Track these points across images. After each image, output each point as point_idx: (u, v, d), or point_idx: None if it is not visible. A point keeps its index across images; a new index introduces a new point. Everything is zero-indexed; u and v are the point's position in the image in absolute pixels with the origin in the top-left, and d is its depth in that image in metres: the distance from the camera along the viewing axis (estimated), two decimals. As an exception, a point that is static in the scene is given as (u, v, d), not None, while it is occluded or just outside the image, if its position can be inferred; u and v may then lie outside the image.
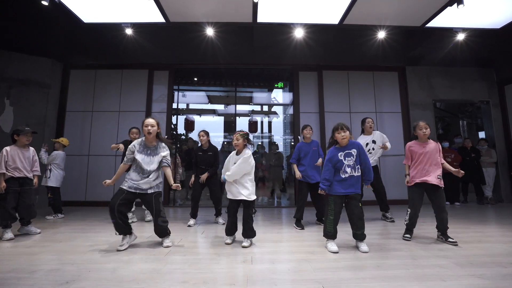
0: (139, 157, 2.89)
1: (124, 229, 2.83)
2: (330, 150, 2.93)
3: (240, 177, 2.94)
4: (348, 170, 2.79)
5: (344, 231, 3.23)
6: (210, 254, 2.60)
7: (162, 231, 2.90)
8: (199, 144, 4.25)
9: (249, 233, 2.93)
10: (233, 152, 3.12)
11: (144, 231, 3.56)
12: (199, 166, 4.10)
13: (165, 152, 2.97)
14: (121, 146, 4.04)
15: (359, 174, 2.82)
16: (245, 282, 1.95)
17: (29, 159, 3.56)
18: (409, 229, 3.16)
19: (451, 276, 2.03)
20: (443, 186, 3.04)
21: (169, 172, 2.95)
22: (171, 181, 2.88)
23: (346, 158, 2.82)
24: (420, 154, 3.12)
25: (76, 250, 2.72)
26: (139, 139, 3.01)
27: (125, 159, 2.96)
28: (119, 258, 2.47)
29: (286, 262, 2.38)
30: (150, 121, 2.94)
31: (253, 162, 3.01)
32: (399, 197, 5.93)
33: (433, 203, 3.10)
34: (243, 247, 2.82)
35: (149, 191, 2.88)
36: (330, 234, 2.77)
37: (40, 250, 2.72)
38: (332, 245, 2.73)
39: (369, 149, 4.27)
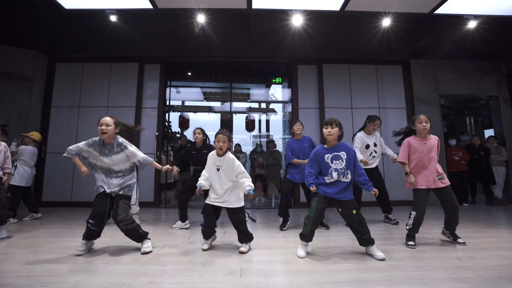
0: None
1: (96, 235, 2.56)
2: (316, 148, 2.64)
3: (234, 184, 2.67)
4: (335, 174, 2.47)
5: (349, 235, 2.89)
6: (193, 264, 2.25)
7: (132, 235, 2.56)
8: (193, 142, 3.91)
9: (245, 237, 2.63)
10: (213, 153, 2.76)
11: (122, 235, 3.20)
12: (194, 166, 3.78)
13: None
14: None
15: (349, 180, 2.48)
16: (230, 301, 1.61)
17: (0, 155, 3.25)
18: (412, 235, 2.78)
19: (478, 293, 1.69)
20: (449, 183, 2.74)
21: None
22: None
23: (334, 161, 2.49)
24: (421, 152, 2.78)
25: (41, 258, 2.37)
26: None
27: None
28: (86, 268, 2.12)
29: (282, 275, 2.03)
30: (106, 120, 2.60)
31: (237, 160, 2.74)
32: (402, 198, 5.59)
33: (442, 202, 2.77)
34: (242, 252, 2.52)
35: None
36: (305, 237, 2.46)
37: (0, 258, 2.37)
38: (301, 250, 2.47)
39: (371, 152, 3.88)
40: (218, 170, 2.67)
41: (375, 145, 3.92)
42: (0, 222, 3.10)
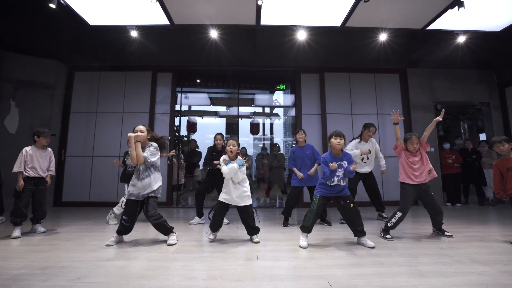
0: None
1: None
2: (325, 155, 3.03)
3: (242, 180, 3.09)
4: (336, 180, 2.90)
5: (344, 231, 3.28)
6: (216, 252, 2.65)
7: (160, 228, 2.96)
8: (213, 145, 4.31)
9: (254, 230, 3.07)
10: (225, 156, 3.16)
11: (148, 231, 3.60)
12: (209, 168, 4.14)
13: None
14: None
15: (346, 183, 2.95)
16: (253, 278, 2.00)
17: (47, 159, 3.68)
18: (388, 230, 3.18)
19: (453, 273, 2.07)
20: (428, 180, 3.18)
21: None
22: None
23: (338, 169, 2.89)
24: (414, 162, 3.18)
25: (84, 248, 2.77)
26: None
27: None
28: (127, 256, 2.52)
29: (291, 260, 2.42)
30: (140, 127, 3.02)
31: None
32: (398, 199, 5.97)
33: (427, 206, 3.20)
34: (256, 242, 2.97)
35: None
36: (306, 229, 2.90)
37: (48, 248, 2.77)
38: (303, 240, 2.86)
39: (363, 158, 4.20)
40: None
41: (369, 151, 4.24)
42: (42, 218, 3.57)
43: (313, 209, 2.90)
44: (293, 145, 8.22)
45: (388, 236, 3.14)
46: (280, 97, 9.53)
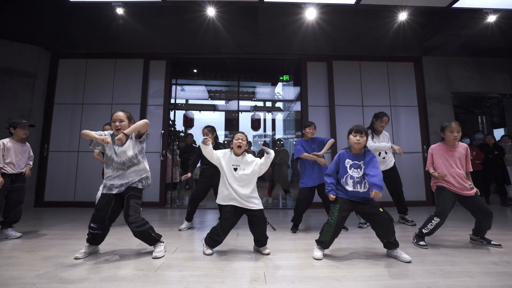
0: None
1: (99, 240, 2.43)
2: (341, 151, 2.47)
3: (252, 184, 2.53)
4: (350, 182, 2.33)
5: (367, 235, 2.73)
6: (212, 269, 2.09)
7: (144, 238, 2.40)
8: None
9: (266, 240, 2.51)
10: (227, 152, 2.61)
11: (132, 238, 3.05)
12: (203, 166, 3.62)
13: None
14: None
15: (365, 190, 2.33)
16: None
17: (25, 155, 3.29)
18: (423, 236, 2.68)
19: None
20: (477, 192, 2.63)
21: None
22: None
23: (352, 168, 2.35)
24: (448, 159, 2.63)
25: (43, 263, 2.20)
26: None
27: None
28: (96, 276, 1.96)
29: (310, 281, 1.87)
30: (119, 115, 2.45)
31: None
32: (414, 198, 5.47)
33: (472, 211, 2.63)
34: (267, 254, 2.42)
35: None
36: (322, 244, 2.34)
37: (2, 263, 2.21)
38: (317, 251, 2.35)
39: (380, 153, 3.64)
40: (235, 170, 2.51)
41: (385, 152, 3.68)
42: (16, 221, 3.16)
43: (332, 222, 2.30)
44: (295, 141, 7.70)
45: (422, 243, 2.61)
46: (283, 91, 8.97)
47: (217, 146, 3.56)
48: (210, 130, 3.74)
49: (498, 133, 8.10)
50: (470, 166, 2.72)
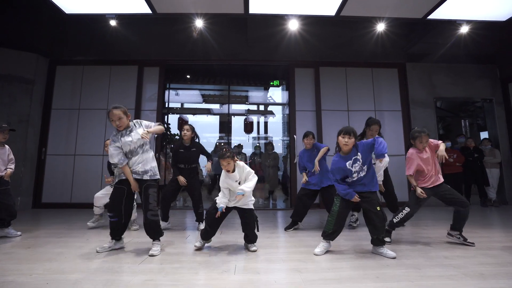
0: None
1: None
2: (334, 159, 2.62)
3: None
4: (355, 175, 2.54)
5: (341, 235, 2.97)
6: (190, 263, 2.32)
7: (153, 228, 2.59)
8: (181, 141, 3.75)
9: (255, 238, 2.73)
10: (224, 174, 2.74)
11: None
12: (177, 165, 3.63)
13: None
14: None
15: (366, 173, 2.53)
16: (223, 297, 1.69)
17: (4, 158, 3.36)
18: (390, 231, 2.89)
19: (461, 289, 1.77)
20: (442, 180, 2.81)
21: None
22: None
23: (353, 165, 2.54)
24: (423, 163, 2.85)
25: (42, 257, 2.44)
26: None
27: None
28: (86, 268, 2.19)
29: (274, 272, 2.11)
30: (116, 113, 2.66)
31: (245, 165, 2.80)
32: (399, 199, 5.67)
33: (445, 199, 2.81)
34: (253, 251, 2.62)
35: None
36: (326, 234, 2.54)
37: (1, 258, 2.44)
38: (319, 247, 2.53)
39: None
40: (239, 183, 2.68)
41: None
42: (12, 219, 3.28)
43: (334, 211, 2.51)
44: (288, 144, 7.92)
45: (387, 239, 2.78)
46: (275, 94, 9.20)
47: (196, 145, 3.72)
48: (191, 128, 3.74)
49: (485, 136, 8.33)
50: (436, 141, 2.85)
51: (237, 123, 9.07)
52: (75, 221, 4.23)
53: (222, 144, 8.40)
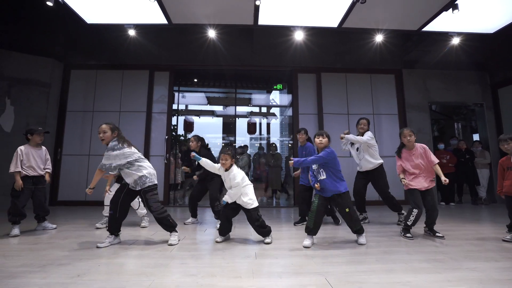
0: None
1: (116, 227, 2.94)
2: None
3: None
4: (317, 176, 2.94)
5: (343, 228, 3.32)
6: (214, 250, 2.67)
7: (164, 223, 2.92)
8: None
9: (264, 231, 2.99)
10: (220, 167, 3.10)
11: (141, 232, 3.61)
12: (195, 174, 4.12)
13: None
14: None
15: (325, 177, 2.89)
16: (251, 274, 2.03)
17: (42, 157, 3.67)
18: (409, 228, 3.18)
19: (446, 269, 2.12)
20: (434, 185, 3.17)
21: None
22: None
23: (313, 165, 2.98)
24: (410, 161, 3.20)
25: (82, 246, 2.77)
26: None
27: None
28: (124, 254, 2.53)
29: (289, 257, 2.46)
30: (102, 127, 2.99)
31: (240, 175, 3.03)
32: (397, 198, 6.05)
33: (425, 201, 3.16)
34: (266, 243, 2.91)
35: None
36: (308, 230, 2.86)
37: (45, 247, 2.76)
38: (306, 240, 2.85)
39: (352, 145, 4.16)
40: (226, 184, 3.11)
41: (347, 132, 4.10)
42: (45, 214, 3.61)
43: (313, 209, 2.88)
44: (290, 144, 8.28)
45: (408, 235, 3.11)
46: (277, 97, 9.57)
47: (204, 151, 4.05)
48: (196, 138, 4.09)
49: (477, 137, 8.75)
50: (433, 159, 3.15)
51: (240, 124, 9.44)
52: (94, 217, 4.52)
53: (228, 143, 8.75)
